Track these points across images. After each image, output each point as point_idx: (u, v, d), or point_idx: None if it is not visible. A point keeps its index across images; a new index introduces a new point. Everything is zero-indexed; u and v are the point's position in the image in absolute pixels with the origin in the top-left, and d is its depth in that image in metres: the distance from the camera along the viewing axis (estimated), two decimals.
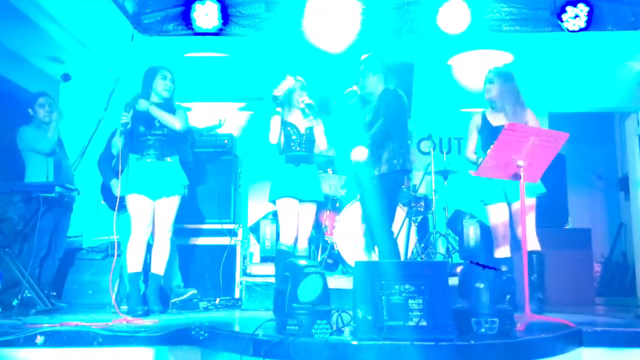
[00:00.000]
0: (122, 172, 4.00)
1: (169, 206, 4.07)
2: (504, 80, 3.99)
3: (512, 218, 4.02)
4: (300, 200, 4.11)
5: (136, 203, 3.99)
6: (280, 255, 4.05)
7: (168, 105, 4.16)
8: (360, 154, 3.83)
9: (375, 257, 4.07)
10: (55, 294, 4.80)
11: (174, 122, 4.10)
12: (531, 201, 3.94)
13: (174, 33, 5.41)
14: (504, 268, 3.88)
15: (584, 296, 4.89)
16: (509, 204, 4.01)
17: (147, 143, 4.04)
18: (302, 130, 4.17)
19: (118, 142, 4.05)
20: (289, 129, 4.16)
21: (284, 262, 3.83)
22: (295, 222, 4.09)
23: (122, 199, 4.05)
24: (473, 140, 4.15)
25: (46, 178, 4.60)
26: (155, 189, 4.01)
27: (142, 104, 4.03)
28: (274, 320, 2.93)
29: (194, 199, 5.04)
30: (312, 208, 4.19)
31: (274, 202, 4.14)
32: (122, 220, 4.45)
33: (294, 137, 4.15)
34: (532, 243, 3.90)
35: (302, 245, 4.20)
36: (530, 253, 3.84)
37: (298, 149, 4.16)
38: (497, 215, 4.00)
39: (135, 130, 4.03)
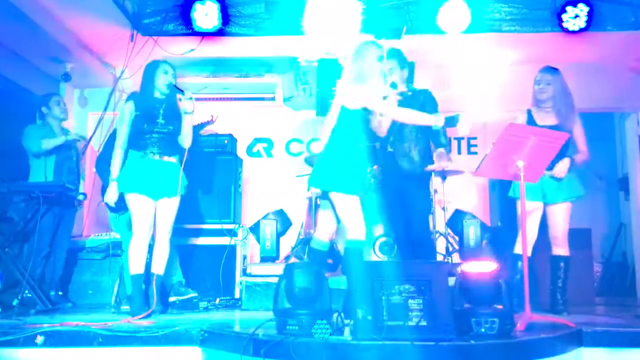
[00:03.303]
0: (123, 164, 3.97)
1: (170, 206, 4.02)
2: (560, 82, 4.05)
3: (546, 218, 4.06)
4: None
5: (138, 203, 3.92)
6: (357, 255, 3.42)
7: (170, 102, 4.09)
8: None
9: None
10: (62, 293, 4.81)
11: (187, 140, 4.08)
12: (568, 205, 4.03)
13: (174, 33, 5.41)
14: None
15: (584, 296, 4.89)
16: (545, 204, 4.04)
17: (150, 140, 3.97)
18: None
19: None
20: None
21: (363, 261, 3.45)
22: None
23: (123, 198, 4.02)
24: None
25: (44, 178, 4.61)
26: (157, 189, 3.95)
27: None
28: (274, 320, 2.93)
29: (194, 199, 5.04)
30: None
31: (329, 191, 3.44)
32: (122, 220, 4.45)
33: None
34: (563, 248, 4.05)
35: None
36: (559, 258, 4.05)
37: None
38: (531, 212, 3.97)
39: (137, 127, 3.98)
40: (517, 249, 4.03)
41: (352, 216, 3.40)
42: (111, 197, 3.99)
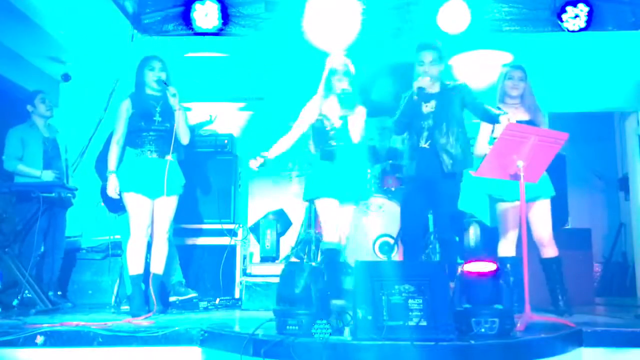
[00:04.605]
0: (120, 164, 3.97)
1: (169, 206, 3.99)
2: (528, 79, 4.11)
3: (528, 221, 4.00)
4: (340, 201, 3.83)
5: (135, 203, 3.89)
6: (331, 254, 3.77)
7: (167, 99, 4.03)
8: None
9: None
10: (60, 293, 4.81)
11: (184, 137, 4.04)
12: (546, 204, 4.00)
13: (174, 33, 5.40)
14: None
15: (584, 296, 4.89)
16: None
17: (147, 139, 3.94)
18: (336, 122, 3.86)
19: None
20: (321, 119, 3.85)
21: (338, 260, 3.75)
22: (336, 220, 3.81)
23: (121, 198, 4.00)
24: (486, 136, 4.11)
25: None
26: (154, 188, 3.92)
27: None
28: (274, 320, 2.93)
29: (194, 199, 5.04)
30: (350, 210, 3.95)
31: (311, 200, 3.97)
32: (122, 220, 4.45)
33: (327, 129, 3.85)
34: (551, 248, 4.01)
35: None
36: (550, 261, 4.00)
37: (333, 143, 3.86)
38: (512, 213, 3.96)
39: (134, 125, 3.95)
40: (502, 252, 4.04)
41: (325, 219, 3.76)
42: (112, 190, 3.92)
